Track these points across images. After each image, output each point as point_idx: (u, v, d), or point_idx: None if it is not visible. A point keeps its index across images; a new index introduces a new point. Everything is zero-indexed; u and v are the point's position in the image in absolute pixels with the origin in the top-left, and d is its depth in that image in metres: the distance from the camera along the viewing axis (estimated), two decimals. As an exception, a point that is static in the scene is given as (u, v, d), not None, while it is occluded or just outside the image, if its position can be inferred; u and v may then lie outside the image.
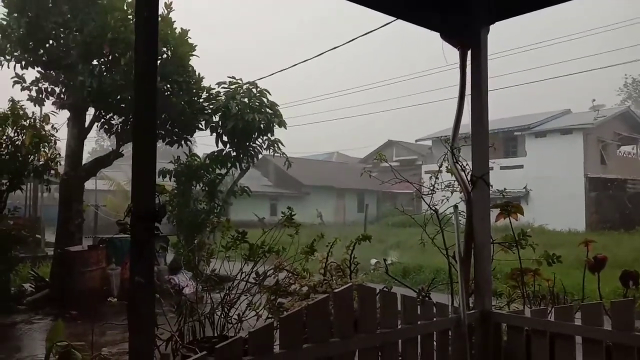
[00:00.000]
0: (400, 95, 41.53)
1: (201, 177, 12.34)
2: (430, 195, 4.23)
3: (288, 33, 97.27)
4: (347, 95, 55.04)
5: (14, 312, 9.37)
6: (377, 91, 69.22)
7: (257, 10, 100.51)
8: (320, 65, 51.50)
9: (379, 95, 44.64)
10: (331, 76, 71.68)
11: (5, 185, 10.09)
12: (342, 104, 66.08)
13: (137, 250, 1.67)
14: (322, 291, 3.57)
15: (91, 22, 10.23)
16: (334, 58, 69.01)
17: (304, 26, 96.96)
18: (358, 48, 62.37)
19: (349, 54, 71.64)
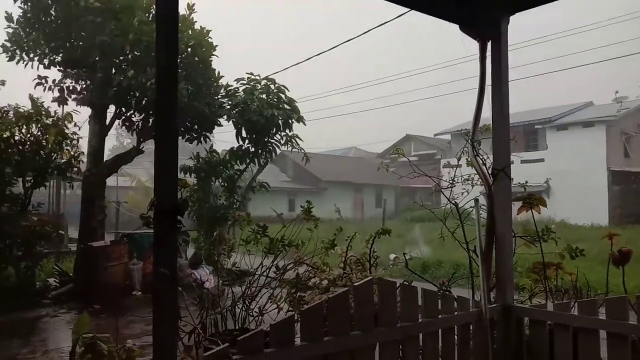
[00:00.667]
0: (418, 88, 41.24)
1: (220, 173, 12.45)
2: (450, 189, 4.21)
3: (303, 27, 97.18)
4: (364, 89, 54.84)
5: (39, 306, 9.59)
6: (394, 84, 68.76)
7: (272, 4, 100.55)
8: (336, 59, 51.33)
9: (396, 88, 44.53)
10: (347, 70, 71.52)
11: (29, 182, 10.32)
12: (358, 98, 65.97)
13: (161, 243, 1.70)
14: (342, 285, 3.57)
15: (112, 22, 10.37)
16: (349, 52, 68.82)
17: (319, 19, 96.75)
18: (374, 41, 61.97)
19: (365, 47, 71.29)
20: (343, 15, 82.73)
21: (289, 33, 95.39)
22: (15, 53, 10.60)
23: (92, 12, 10.23)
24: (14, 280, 10.08)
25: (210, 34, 11.74)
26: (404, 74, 49.77)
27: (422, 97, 44.75)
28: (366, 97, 61.59)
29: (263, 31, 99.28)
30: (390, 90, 49.41)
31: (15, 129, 9.87)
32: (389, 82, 58.96)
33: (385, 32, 25.55)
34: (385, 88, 51.41)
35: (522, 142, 30.11)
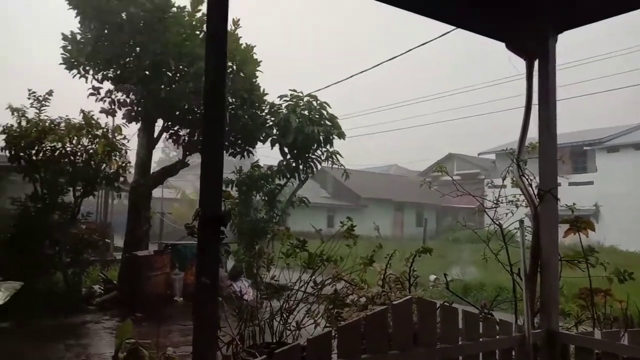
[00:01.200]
0: (462, 106, 40.66)
1: (261, 187, 12.61)
2: (494, 210, 4.12)
3: (345, 45, 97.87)
4: (406, 107, 54.53)
5: (84, 311, 9.89)
6: (437, 102, 68.10)
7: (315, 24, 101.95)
8: (380, 76, 51.34)
9: (440, 106, 44.25)
10: (391, 87, 71.42)
11: (79, 192, 10.73)
12: (401, 115, 65.64)
13: (204, 252, 1.74)
14: (381, 303, 3.54)
15: (159, 38, 10.77)
16: (393, 69, 68.81)
17: (362, 38, 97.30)
18: (418, 59, 61.71)
19: (409, 64, 71.12)
20: (387, 33, 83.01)
21: (334, 51, 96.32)
22: (73, 64, 11.15)
23: (139, 29, 10.67)
24: (62, 286, 10.44)
25: (254, 49, 12.03)
26: (448, 92, 49.26)
27: (466, 115, 44.07)
28: (409, 115, 61.20)
29: (307, 48, 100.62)
30: (433, 108, 49.05)
31: (66, 140, 10.31)
32: (432, 100, 58.48)
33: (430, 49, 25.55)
34: (428, 106, 51.06)
35: (569, 163, 29.18)
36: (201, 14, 11.57)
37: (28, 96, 10.45)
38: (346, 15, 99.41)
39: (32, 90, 10.49)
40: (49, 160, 10.19)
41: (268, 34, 78.83)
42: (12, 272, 9.72)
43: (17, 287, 4.84)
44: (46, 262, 10.35)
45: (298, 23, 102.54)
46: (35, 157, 10.16)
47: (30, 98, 10.46)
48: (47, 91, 10.66)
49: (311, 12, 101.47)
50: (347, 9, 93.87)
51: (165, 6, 11.12)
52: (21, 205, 10.31)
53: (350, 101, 32.35)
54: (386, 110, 35.46)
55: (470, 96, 52.73)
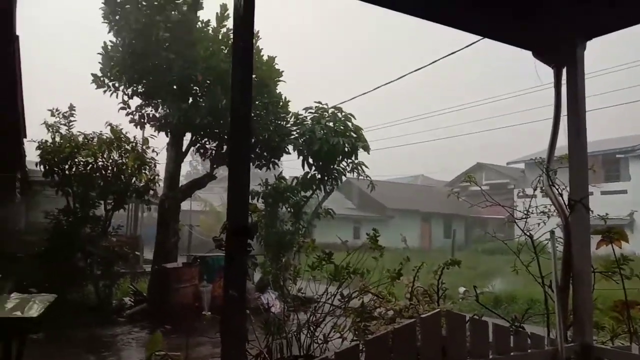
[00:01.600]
0: (489, 116, 40.19)
1: (287, 199, 12.66)
2: (524, 220, 4.04)
3: (371, 57, 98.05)
4: (433, 117, 54.23)
5: (114, 323, 10.04)
6: (465, 112, 67.46)
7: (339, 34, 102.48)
8: (406, 87, 51.21)
9: (466, 116, 43.84)
10: (417, 98, 71.14)
11: (110, 205, 10.97)
12: (428, 126, 65.20)
13: (231, 264, 1.75)
14: (408, 316, 3.50)
15: (186, 53, 11.00)
16: (420, 80, 68.49)
17: (387, 50, 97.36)
18: (444, 69, 61.33)
19: (435, 75, 70.68)
20: (412, 45, 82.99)
21: (359, 63, 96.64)
22: (103, 83, 11.47)
23: (166, 45, 10.93)
24: (93, 298, 10.64)
25: (276, 60, 12.19)
26: (476, 102, 48.75)
27: (494, 125, 43.61)
28: (436, 125, 60.83)
29: (332, 61, 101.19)
30: (461, 118, 48.70)
31: (98, 155, 10.57)
32: (460, 110, 58.08)
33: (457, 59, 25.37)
34: (455, 116, 50.65)
35: (601, 172, 28.45)
36: (226, 28, 11.79)
37: (52, 114, 10.74)
38: (370, 29, 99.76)
39: (56, 108, 10.78)
40: (81, 175, 10.47)
41: (292, 47, 79.67)
42: (45, 284, 9.99)
43: (51, 300, 4.96)
44: (78, 275, 10.58)
45: (322, 36, 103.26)
46: (68, 171, 10.44)
47: (55, 115, 10.74)
48: (68, 107, 10.92)
49: (336, 25, 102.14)
50: (372, 22, 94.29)
51: (192, 21, 11.38)
52: (54, 219, 10.58)
53: (376, 112, 32.34)
54: (413, 120, 35.27)
55: (497, 105, 51.97)
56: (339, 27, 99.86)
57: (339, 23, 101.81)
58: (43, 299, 5.03)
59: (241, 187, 1.82)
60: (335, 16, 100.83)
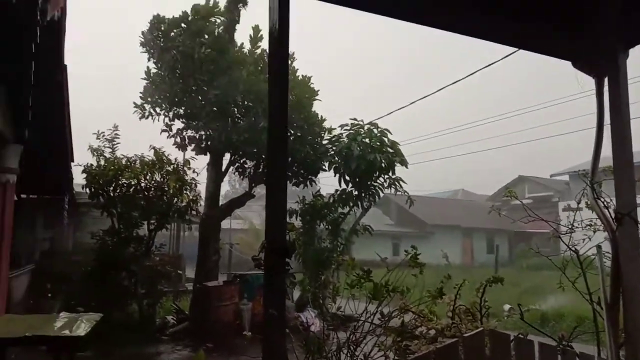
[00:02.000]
0: (531, 127, 39.25)
1: (325, 216, 12.66)
2: (569, 235, 3.91)
3: (406, 72, 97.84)
4: (471, 129, 53.34)
5: (158, 341, 10.21)
6: (503, 124, 66.16)
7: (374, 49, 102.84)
8: (442, 100, 50.76)
9: (506, 128, 42.81)
10: (454, 111, 70.35)
11: (153, 225, 11.25)
12: (466, 138, 64.35)
13: (270, 284, 1.77)
14: (451, 335, 3.42)
15: (226, 76, 11.29)
16: (456, 93, 67.83)
17: (422, 64, 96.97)
18: (481, 81, 60.54)
19: (472, 87, 69.81)
20: (448, 57, 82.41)
21: (395, 76, 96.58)
22: (145, 109, 11.88)
23: (206, 69, 11.26)
24: (137, 317, 10.87)
25: (311, 80, 12.38)
26: (515, 113, 47.79)
27: (535, 136, 42.54)
28: (474, 138, 59.91)
29: (367, 74, 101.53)
30: (499, 130, 47.81)
31: (141, 177, 10.90)
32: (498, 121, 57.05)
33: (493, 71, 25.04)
34: (493, 128, 49.71)
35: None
36: (260, 50, 12.05)
37: (97, 137, 11.16)
38: (404, 44, 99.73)
39: (101, 131, 11.22)
40: (125, 196, 10.81)
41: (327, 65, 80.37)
42: (92, 303, 10.29)
43: (97, 319, 5.11)
44: (123, 294, 10.85)
45: (357, 54, 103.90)
46: (112, 193, 10.80)
47: (99, 138, 11.16)
48: (112, 130, 11.32)
49: (370, 42, 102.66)
50: (407, 36, 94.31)
51: (228, 44, 11.70)
52: (100, 240, 10.93)
53: (413, 126, 32.11)
54: (450, 133, 34.85)
55: (538, 116, 50.82)
56: (373, 44, 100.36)
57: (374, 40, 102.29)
58: (90, 317, 5.19)
59: (278, 206, 1.84)
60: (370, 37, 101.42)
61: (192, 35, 11.39)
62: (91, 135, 11.20)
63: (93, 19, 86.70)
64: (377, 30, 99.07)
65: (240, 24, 12.37)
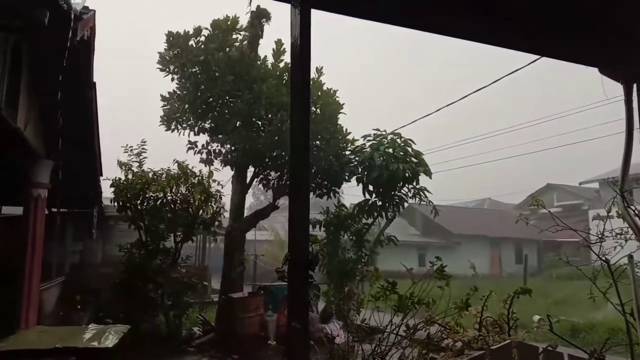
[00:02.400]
0: (557, 134, 38.45)
1: (349, 227, 12.61)
2: (599, 244, 3.82)
3: (429, 78, 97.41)
4: (497, 137, 52.58)
5: (184, 353, 10.27)
6: (531, 130, 65.10)
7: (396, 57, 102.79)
8: (467, 108, 50.29)
9: (533, 134, 42.29)
10: (479, 118, 69.66)
11: (179, 237, 11.38)
12: (491, 146, 63.55)
13: (294, 296, 1.78)
14: (478, 348, 3.37)
15: (249, 90, 11.43)
16: (481, 99, 67.10)
17: (446, 70, 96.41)
18: (504, 89, 59.85)
19: (498, 95, 69.02)
20: (473, 65, 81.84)
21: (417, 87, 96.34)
22: (170, 124, 12.10)
23: (229, 81, 11.43)
24: (164, 328, 10.98)
25: (337, 94, 12.45)
26: (540, 120, 46.97)
27: (562, 144, 41.75)
28: (501, 146, 59.15)
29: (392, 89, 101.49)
30: (527, 137, 47.21)
31: (167, 190, 11.06)
32: (524, 129, 56.20)
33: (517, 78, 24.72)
34: (519, 135, 49.11)
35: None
36: (284, 63, 12.17)
37: (125, 150, 11.38)
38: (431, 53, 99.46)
39: (129, 145, 11.42)
40: (151, 209, 10.97)
41: (352, 76, 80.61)
42: (120, 315, 10.45)
43: (125, 331, 5.18)
44: (150, 305, 10.97)
45: (381, 64, 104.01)
46: (140, 206, 10.98)
47: (127, 152, 11.38)
48: (140, 144, 11.47)
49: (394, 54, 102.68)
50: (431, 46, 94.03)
51: (252, 59, 11.85)
52: (127, 252, 11.10)
53: (437, 136, 31.89)
54: (476, 141, 34.40)
55: (565, 122, 49.70)
56: (396, 56, 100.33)
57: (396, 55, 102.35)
58: (118, 329, 5.27)
59: (301, 219, 1.85)
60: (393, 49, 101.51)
61: (213, 50, 11.57)
62: (119, 150, 11.43)
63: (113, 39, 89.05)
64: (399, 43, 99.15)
65: (264, 38, 12.55)
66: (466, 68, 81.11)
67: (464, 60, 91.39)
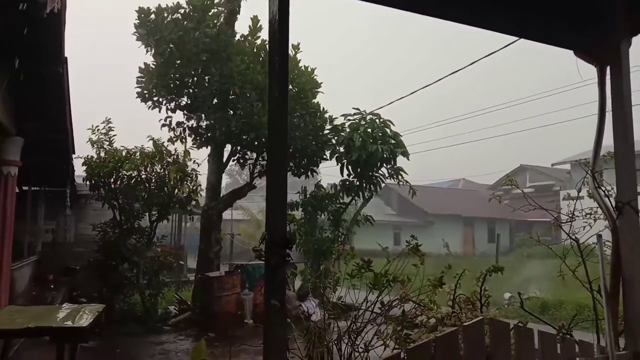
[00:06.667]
0: (532, 115, 39.05)
1: (326, 207, 12.67)
2: (570, 224, 3.92)
3: (408, 61, 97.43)
4: (471, 119, 53.19)
5: (160, 332, 10.28)
6: (505, 112, 65.85)
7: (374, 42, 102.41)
8: (444, 90, 50.61)
9: (507, 117, 42.52)
10: (455, 100, 70.20)
11: (154, 216, 11.27)
12: (467, 128, 64.22)
13: (271, 275, 1.78)
14: (451, 324, 3.44)
15: (225, 67, 11.23)
16: (457, 82, 67.58)
17: (422, 51, 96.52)
18: (481, 70, 60.32)
19: (471, 77, 69.59)
20: (449, 47, 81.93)
21: (395, 69, 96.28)
22: (146, 97, 11.84)
23: (204, 58, 11.21)
24: (139, 307, 10.94)
25: (315, 72, 12.35)
26: (514, 102, 47.60)
27: (537, 124, 42.43)
28: (475, 127, 59.78)
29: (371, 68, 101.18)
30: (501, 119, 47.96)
31: (141, 168, 10.89)
32: (498, 111, 56.90)
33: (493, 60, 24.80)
34: (494, 117, 49.63)
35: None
36: (260, 40, 11.99)
37: (92, 131, 11.10)
38: (408, 35, 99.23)
39: (95, 125, 11.17)
40: (125, 188, 10.81)
41: (328, 54, 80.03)
42: (94, 294, 10.36)
43: (100, 310, 5.14)
44: (125, 285, 10.91)
45: (360, 43, 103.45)
46: (113, 185, 10.80)
47: (94, 132, 11.10)
48: (105, 123, 11.22)
49: (374, 33, 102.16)
50: (410, 28, 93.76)
51: (228, 34, 11.62)
52: (101, 231, 10.96)
53: (415, 116, 32.01)
54: (451, 123, 34.69)
55: (538, 104, 50.52)
56: (375, 35, 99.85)
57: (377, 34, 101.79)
58: (92, 308, 5.22)
59: (279, 198, 1.84)
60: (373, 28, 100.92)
61: (188, 27, 11.29)
62: (94, 127, 11.15)
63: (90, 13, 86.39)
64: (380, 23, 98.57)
65: (241, 14, 12.33)
66: (447, 52, 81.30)
67: (444, 43, 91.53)
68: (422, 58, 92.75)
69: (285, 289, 1.86)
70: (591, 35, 3.18)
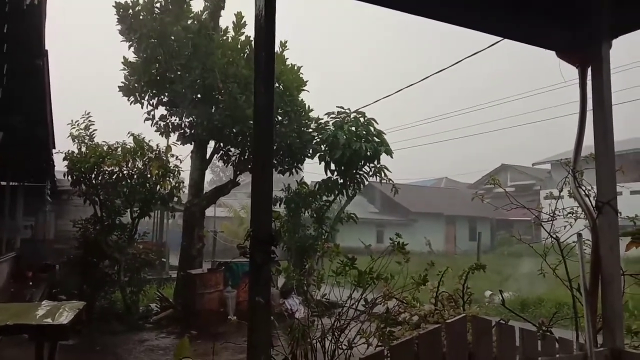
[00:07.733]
0: (513, 115, 39.55)
1: (310, 204, 12.67)
2: (551, 223, 3.98)
3: (393, 61, 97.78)
4: (455, 118, 53.66)
5: (141, 329, 10.17)
6: (487, 112, 66.51)
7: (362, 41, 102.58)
8: (427, 88, 50.91)
9: (490, 116, 42.89)
10: (439, 99, 70.62)
11: (136, 213, 11.14)
12: (450, 126, 64.59)
13: (257, 272, 1.77)
14: (434, 321, 3.48)
15: (205, 62, 11.13)
16: (441, 81, 67.99)
17: (408, 51, 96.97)
18: (465, 70, 60.75)
19: (456, 75, 70.11)
20: (434, 47, 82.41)
21: (381, 67, 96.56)
22: (129, 92, 11.69)
23: (187, 53, 11.10)
24: (121, 304, 10.82)
25: (301, 70, 12.33)
26: (497, 101, 48.09)
27: (518, 124, 42.98)
28: (458, 126, 60.21)
29: (355, 66, 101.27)
30: (484, 117, 48.08)
31: (123, 164, 10.75)
32: (482, 110, 57.46)
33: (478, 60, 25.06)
34: (477, 116, 49.88)
35: (633, 172, 27.71)
36: (244, 37, 11.93)
37: (72, 126, 10.90)
38: (391, 33, 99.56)
39: (75, 120, 10.94)
40: (107, 183, 10.66)
41: (315, 53, 79.89)
42: (74, 291, 10.22)
43: (80, 307, 5.07)
44: (106, 282, 10.78)
45: (345, 41, 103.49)
46: (94, 180, 10.64)
47: (74, 127, 10.91)
48: (85, 117, 10.97)
49: (359, 31, 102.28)
50: (393, 27, 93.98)
51: (209, 29, 11.53)
52: (82, 227, 10.81)
53: (399, 114, 32.15)
54: (435, 121, 34.90)
55: (521, 104, 51.02)
56: (362, 36, 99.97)
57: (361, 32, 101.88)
58: (73, 306, 5.14)
59: (264, 195, 1.84)
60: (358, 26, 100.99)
61: (166, 21, 11.15)
62: (74, 122, 10.97)
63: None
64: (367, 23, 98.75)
65: (225, 9, 12.23)
66: (433, 51, 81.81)
67: (429, 43, 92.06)
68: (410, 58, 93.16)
69: (269, 287, 1.86)
70: (573, 37, 3.22)
